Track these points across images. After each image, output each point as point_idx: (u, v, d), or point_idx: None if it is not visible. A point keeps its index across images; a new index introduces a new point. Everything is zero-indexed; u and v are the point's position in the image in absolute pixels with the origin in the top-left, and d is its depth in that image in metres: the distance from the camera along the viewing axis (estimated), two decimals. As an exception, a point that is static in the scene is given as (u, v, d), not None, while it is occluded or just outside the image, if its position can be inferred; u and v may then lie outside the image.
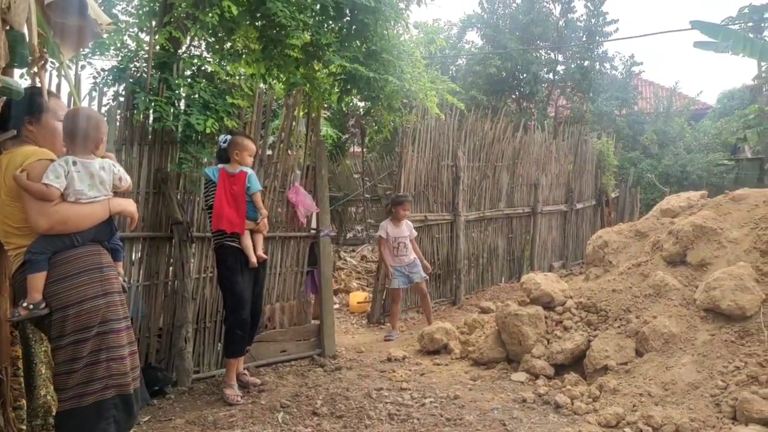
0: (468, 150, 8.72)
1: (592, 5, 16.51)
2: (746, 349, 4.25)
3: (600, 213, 13.06)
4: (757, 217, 5.13)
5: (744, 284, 4.51)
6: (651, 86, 24.25)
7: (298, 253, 5.81)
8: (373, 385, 4.85)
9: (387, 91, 5.71)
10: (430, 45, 11.93)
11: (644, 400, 4.14)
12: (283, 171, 5.59)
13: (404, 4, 6.00)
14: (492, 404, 4.39)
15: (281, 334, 5.61)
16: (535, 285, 5.46)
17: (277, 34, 5.29)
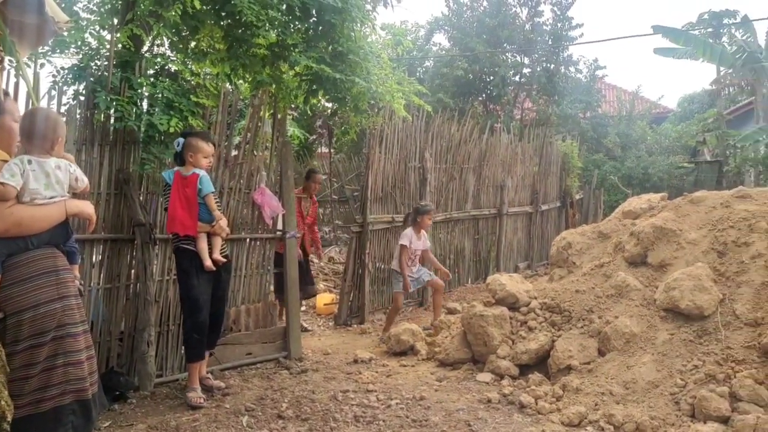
0: (435, 152, 8.75)
1: (558, 10, 16.74)
2: (704, 348, 4.35)
3: (564, 214, 13.24)
4: (715, 218, 5.26)
5: (702, 284, 4.62)
6: (614, 90, 24.74)
7: (264, 255, 5.76)
8: (339, 387, 4.84)
9: (354, 93, 5.70)
10: (398, 47, 11.95)
11: (606, 399, 4.21)
12: (249, 172, 5.54)
13: (371, 5, 6.00)
14: (457, 405, 4.41)
15: (246, 336, 5.55)
16: (501, 286, 5.51)
17: (242, 33, 5.24)
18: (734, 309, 4.50)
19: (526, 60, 17.20)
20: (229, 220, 5.28)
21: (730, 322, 4.44)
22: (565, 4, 16.67)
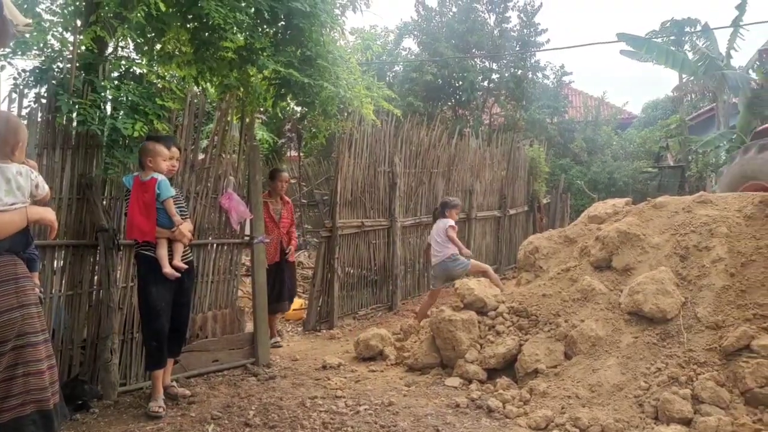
0: (404, 156, 8.78)
1: (525, 16, 16.97)
2: (667, 351, 4.43)
3: (532, 218, 13.40)
4: (677, 223, 5.36)
5: (665, 288, 4.70)
6: (580, 96, 25.14)
7: (231, 261, 5.69)
8: (307, 393, 4.80)
9: (322, 97, 5.68)
10: (367, 51, 11.97)
11: (572, 402, 4.26)
12: (216, 176, 5.48)
13: (340, 10, 5.99)
14: (426, 410, 4.42)
15: (213, 343, 5.48)
16: (469, 290, 5.54)
17: (209, 36, 5.19)
18: (696, 312, 4.60)
19: (494, 65, 17.38)
20: (195, 224, 5.22)
21: (692, 325, 4.53)
22: (531, 10, 16.91)
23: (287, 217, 6.82)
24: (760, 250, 4.78)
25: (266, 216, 6.42)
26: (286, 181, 6.95)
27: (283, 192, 6.86)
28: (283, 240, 6.67)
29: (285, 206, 6.84)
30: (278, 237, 6.61)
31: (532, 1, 16.92)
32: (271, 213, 6.61)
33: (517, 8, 17.01)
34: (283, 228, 6.70)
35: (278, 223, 6.64)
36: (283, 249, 6.64)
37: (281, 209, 6.77)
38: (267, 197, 6.62)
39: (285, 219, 6.76)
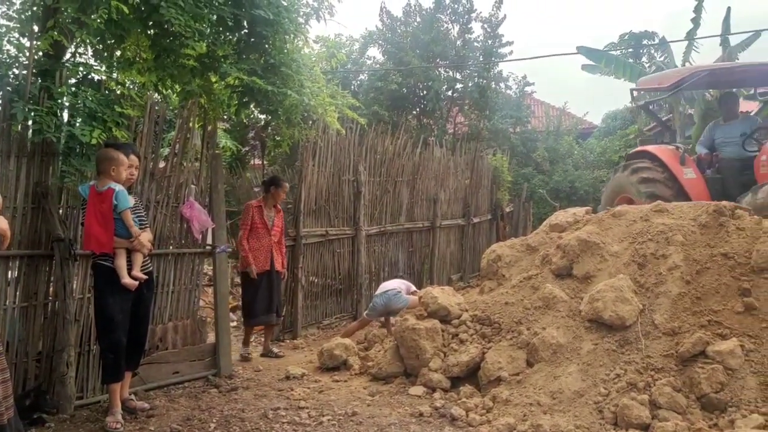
0: (369, 165, 8.79)
1: (489, 27, 17.20)
2: (626, 357, 4.52)
3: (495, 227, 13.53)
4: (635, 232, 5.48)
5: (624, 295, 4.79)
6: (542, 106, 25.55)
7: (192, 271, 5.61)
8: (270, 404, 4.75)
9: (286, 105, 5.66)
10: (331, 59, 11.97)
11: (534, 409, 4.30)
12: (177, 185, 5.40)
13: (304, 18, 5.98)
14: (390, 419, 4.41)
15: (174, 354, 5.38)
16: (433, 299, 5.56)
17: (170, 43, 5.12)
18: (653, 319, 4.69)
19: (458, 75, 17.56)
20: (155, 234, 5.13)
21: (650, 331, 4.63)
22: (495, 22, 17.15)
23: (278, 225, 6.71)
24: (714, 257, 4.91)
25: (258, 221, 6.48)
26: (285, 191, 6.84)
27: (280, 202, 6.78)
28: (274, 249, 6.58)
29: (277, 214, 6.74)
30: (269, 244, 6.53)
31: (496, 13, 17.17)
32: (264, 218, 6.54)
33: (480, 19, 17.24)
34: (275, 236, 6.61)
35: (270, 230, 6.56)
36: (273, 258, 6.55)
37: (274, 216, 6.67)
38: (261, 203, 6.61)
39: (277, 227, 6.67)
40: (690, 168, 8.06)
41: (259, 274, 6.39)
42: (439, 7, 17.16)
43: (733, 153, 8.03)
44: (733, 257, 4.86)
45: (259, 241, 6.48)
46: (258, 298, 6.44)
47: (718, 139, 8.29)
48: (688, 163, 8.10)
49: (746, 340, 4.33)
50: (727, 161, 8.07)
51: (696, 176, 7.98)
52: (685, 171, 8.04)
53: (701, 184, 7.92)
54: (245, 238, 6.45)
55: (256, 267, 6.38)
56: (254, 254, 6.44)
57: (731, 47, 16.47)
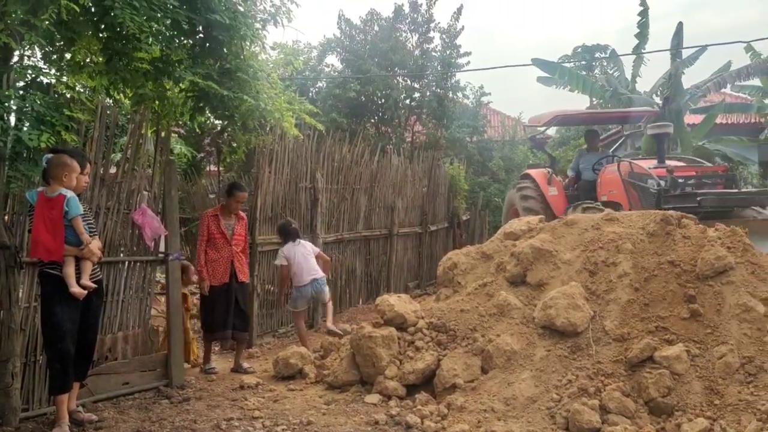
0: (326, 172, 8.76)
1: (447, 37, 17.39)
2: (577, 363, 4.60)
3: (452, 235, 13.65)
4: (587, 240, 5.60)
5: (575, 302, 4.89)
6: (498, 116, 25.93)
7: (144, 279, 5.49)
8: (222, 415, 4.67)
9: (242, 110, 5.61)
10: (288, 66, 11.93)
11: (488, 416, 4.34)
12: (128, 191, 5.29)
13: (261, 24, 5.94)
14: (345, 428, 4.39)
15: (123, 365, 5.25)
16: (389, 306, 5.56)
17: (123, 46, 5.02)
18: (604, 325, 4.80)
19: (416, 84, 17.68)
20: (105, 241, 5.01)
21: (600, 338, 4.73)
22: (453, 32, 17.35)
23: (240, 234, 6.33)
24: (662, 265, 5.06)
25: (216, 232, 6.14)
26: (243, 201, 6.41)
27: (236, 211, 6.35)
28: (236, 259, 6.21)
29: (239, 222, 6.36)
30: (229, 256, 6.17)
31: (454, 24, 17.38)
32: (222, 228, 6.19)
33: (439, 29, 17.42)
34: (237, 246, 6.25)
35: (230, 240, 6.20)
36: (234, 269, 6.19)
37: (234, 224, 6.28)
38: (217, 211, 6.30)
39: (238, 236, 6.30)
40: (555, 187, 10.33)
41: (218, 287, 6.10)
42: (399, 16, 17.28)
43: (588, 176, 10.18)
44: (679, 265, 5.01)
45: (218, 252, 6.16)
46: (215, 312, 6.12)
47: (582, 165, 10.53)
48: (553, 183, 10.37)
49: (692, 345, 4.47)
50: (584, 183, 10.24)
51: (558, 193, 10.23)
52: (550, 189, 10.31)
53: (562, 199, 10.12)
54: (203, 250, 6.15)
55: (213, 280, 6.08)
56: (212, 266, 6.12)
57: (678, 62, 17.03)
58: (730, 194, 8.10)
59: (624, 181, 8.94)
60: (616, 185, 9.11)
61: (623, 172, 9.00)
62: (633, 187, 8.79)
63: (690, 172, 8.89)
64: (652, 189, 8.29)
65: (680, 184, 8.17)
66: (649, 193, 8.35)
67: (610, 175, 9.40)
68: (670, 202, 7.79)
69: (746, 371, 4.26)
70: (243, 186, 6.66)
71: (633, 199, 8.72)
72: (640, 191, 8.62)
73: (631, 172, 8.90)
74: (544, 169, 10.98)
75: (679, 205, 7.49)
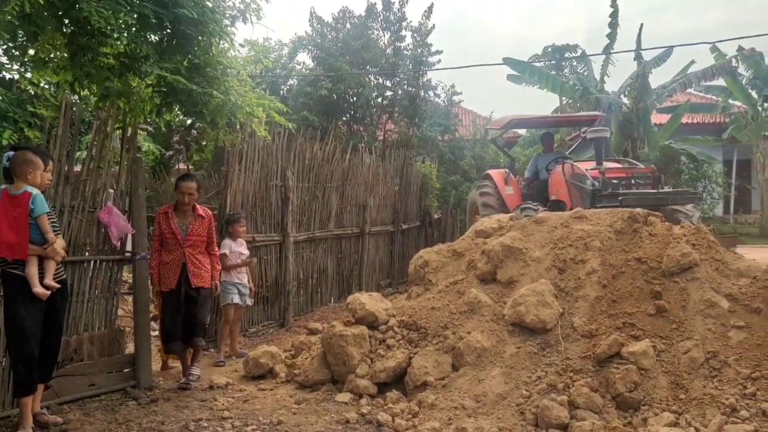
0: (297, 170, 8.70)
1: (418, 36, 17.42)
2: (547, 360, 4.65)
3: (424, 233, 13.68)
4: (556, 238, 5.65)
5: (545, 300, 4.94)
6: (470, 114, 26.07)
7: (110, 278, 5.39)
8: (191, 416, 4.61)
9: (211, 107, 5.53)
10: (258, 63, 11.82)
11: (459, 413, 4.35)
12: (93, 189, 5.18)
13: (230, 20, 5.87)
14: (316, 427, 4.36)
15: (89, 366, 5.14)
16: (360, 305, 5.55)
17: (88, 40, 4.93)
18: (572, 322, 4.85)
19: (388, 83, 17.68)
20: (70, 240, 4.91)
21: (569, 334, 4.78)
22: (425, 31, 17.39)
23: (199, 234, 5.60)
24: (629, 262, 5.13)
25: (166, 230, 5.51)
26: (190, 192, 5.55)
27: (189, 206, 5.60)
28: (189, 262, 5.50)
29: (197, 220, 5.61)
30: (180, 258, 5.49)
31: (426, 22, 17.41)
32: (173, 227, 5.50)
33: (411, 28, 17.44)
34: (192, 247, 5.53)
35: (183, 241, 5.49)
36: (187, 273, 5.49)
37: (190, 223, 5.57)
38: (169, 208, 5.64)
39: (196, 236, 5.57)
40: (511, 186, 11.02)
41: (166, 294, 5.50)
42: (371, 14, 17.26)
43: (543, 176, 10.76)
44: (646, 262, 5.09)
45: (170, 253, 5.51)
46: (166, 321, 5.53)
47: (539, 166, 11.08)
48: (510, 183, 11.06)
49: (658, 341, 4.55)
50: (538, 183, 10.82)
51: (513, 193, 10.92)
52: (507, 188, 11.03)
53: (517, 198, 10.74)
54: (156, 251, 5.57)
55: (162, 285, 5.50)
56: (163, 269, 5.50)
57: (645, 62, 17.32)
58: (649, 194, 8.84)
59: (567, 182, 9.63)
60: (561, 185, 9.81)
61: (567, 173, 9.67)
62: (574, 187, 9.46)
63: (621, 173, 9.67)
64: (588, 188, 9.00)
65: (611, 184, 8.92)
66: (586, 192, 9.05)
67: (557, 175, 10.04)
68: (602, 201, 8.58)
69: (710, 366, 4.35)
70: (192, 175, 5.97)
71: (574, 198, 9.37)
72: (579, 191, 9.32)
73: (573, 173, 9.61)
74: (503, 170, 11.70)
75: (607, 204, 8.22)
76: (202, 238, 5.64)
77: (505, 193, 11.01)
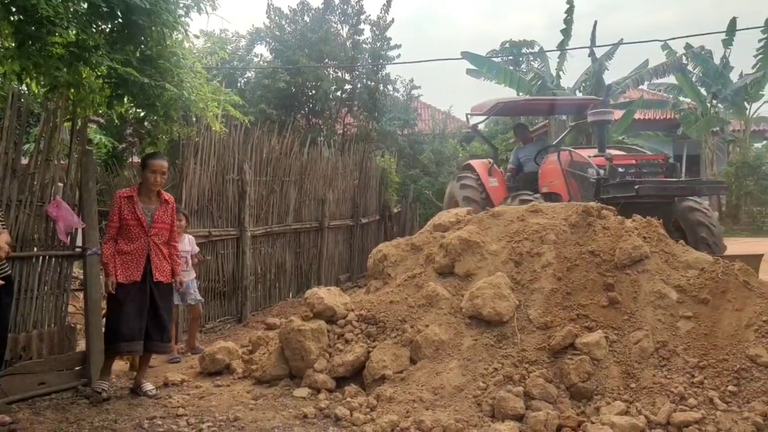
0: (255, 164, 8.61)
1: (377, 30, 17.41)
2: (503, 352, 4.70)
3: (383, 227, 13.71)
4: (512, 231, 5.72)
5: (501, 292, 4.99)
6: (429, 109, 26.23)
7: (60, 274, 5.24)
8: (145, 414, 4.52)
9: (164, 99, 5.42)
10: (214, 55, 11.64)
11: (417, 405, 4.38)
12: (42, 183, 5.03)
13: (184, 10, 5.75)
14: (273, 423, 4.33)
15: (39, 364, 4.99)
16: (319, 299, 5.52)
17: (36, 30, 4.77)
18: (528, 314, 4.93)
19: (347, 76, 17.63)
20: (17, 235, 4.76)
21: (525, 326, 4.85)
22: (383, 25, 17.39)
23: (164, 221, 5.13)
24: (583, 255, 5.23)
25: (130, 216, 4.93)
26: (162, 171, 5.09)
27: (160, 187, 5.12)
28: (153, 253, 5.04)
29: (163, 206, 5.14)
30: (145, 248, 4.99)
31: (384, 16, 17.42)
32: (138, 213, 4.97)
33: (369, 21, 17.42)
34: (157, 236, 5.07)
35: (148, 228, 5.01)
36: (150, 265, 5.02)
37: (156, 209, 5.09)
38: (134, 191, 5.07)
39: (161, 223, 5.10)
40: (495, 178, 10.25)
41: (127, 287, 4.92)
42: (329, 7, 17.16)
43: (529, 168, 10.18)
44: (599, 255, 5.20)
45: (131, 242, 4.96)
46: (122, 319, 4.88)
47: (522, 158, 10.52)
48: (494, 174, 10.30)
49: (610, 331, 4.65)
50: (525, 174, 10.21)
51: (498, 185, 10.16)
52: (491, 180, 10.24)
53: (502, 190, 10.02)
54: (111, 238, 4.95)
55: (121, 277, 4.90)
56: (123, 259, 4.93)
57: (597, 58, 17.68)
58: (669, 183, 7.78)
59: (564, 171, 8.73)
60: (557, 175, 8.93)
61: (563, 162, 8.82)
62: (573, 177, 8.57)
63: (630, 160, 8.65)
64: (592, 178, 8.07)
65: (619, 173, 7.88)
66: (589, 182, 8.15)
67: (551, 165, 9.22)
68: (609, 191, 7.68)
69: (660, 355, 4.47)
70: (160, 153, 5.52)
71: (573, 189, 8.55)
72: (580, 181, 8.41)
73: (571, 162, 8.70)
74: (485, 160, 10.91)
75: (617, 194, 7.44)
76: (166, 226, 5.19)
77: (489, 185, 10.15)
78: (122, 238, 4.97)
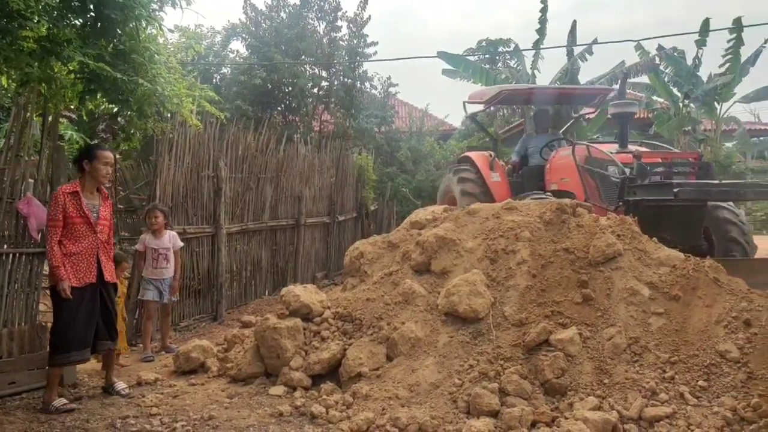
0: (230, 161, 8.54)
1: (354, 27, 17.36)
2: (478, 348, 4.73)
3: (361, 225, 13.70)
4: (488, 228, 5.76)
5: (477, 289, 5.02)
6: (406, 107, 26.24)
7: (31, 272, 5.15)
8: (117, 413, 4.46)
9: (138, 95, 5.35)
10: (188, 50, 11.50)
11: (393, 403, 4.39)
12: (12, 179, 4.93)
13: (158, 4, 5.68)
14: (248, 421, 4.31)
15: (9, 364, 4.91)
16: (295, 297, 5.50)
17: (7, 23, 4.67)
18: (504, 311, 4.96)
19: (324, 73, 17.56)
20: (-15, 233, 4.66)
21: (500, 323, 4.89)
22: (360, 22, 17.35)
23: (107, 218, 4.89)
24: (557, 252, 5.28)
25: (75, 214, 4.64)
26: (111, 163, 4.86)
27: (105, 180, 4.85)
28: (102, 252, 4.79)
29: (104, 202, 4.88)
30: (94, 247, 4.73)
31: (361, 13, 17.37)
32: (84, 209, 4.68)
33: (346, 18, 17.36)
34: (102, 233, 4.81)
35: (94, 225, 4.74)
36: (101, 264, 4.78)
37: (99, 205, 4.81)
38: (77, 186, 4.72)
39: (104, 220, 4.83)
40: (497, 173, 9.43)
41: (80, 290, 4.62)
42: (306, 3, 17.07)
43: (535, 161, 9.32)
44: (573, 252, 5.25)
45: (78, 242, 4.66)
46: (75, 326, 4.60)
47: (529, 149, 9.60)
48: (496, 168, 9.47)
49: (584, 328, 4.70)
50: (530, 168, 9.31)
51: (501, 180, 9.35)
52: (492, 175, 9.43)
53: (505, 186, 9.28)
54: (55, 241, 4.58)
55: (74, 281, 4.60)
56: (72, 261, 4.62)
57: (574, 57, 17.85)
58: (710, 185, 6.78)
59: (580, 168, 7.82)
60: (570, 172, 8.01)
61: (579, 157, 7.88)
62: (590, 175, 7.68)
63: (656, 158, 7.66)
64: (614, 177, 7.20)
65: (648, 172, 6.96)
66: (611, 182, 7.26)
67: (563, 160, 8.32)
68: (636, 192, 6.80)
69: (632, 351, 4.53)
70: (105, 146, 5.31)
71: (590, 188, 7.69)
72: (600, 179, 7.50)
73: (589, 158, 7.77)
74: (485, 153, 9.97)
75: (649, 197, 6.69)
76: (109, 222, 4.95)
77: (490, 180, 9.29)
78: (67, 238, 4.65)
